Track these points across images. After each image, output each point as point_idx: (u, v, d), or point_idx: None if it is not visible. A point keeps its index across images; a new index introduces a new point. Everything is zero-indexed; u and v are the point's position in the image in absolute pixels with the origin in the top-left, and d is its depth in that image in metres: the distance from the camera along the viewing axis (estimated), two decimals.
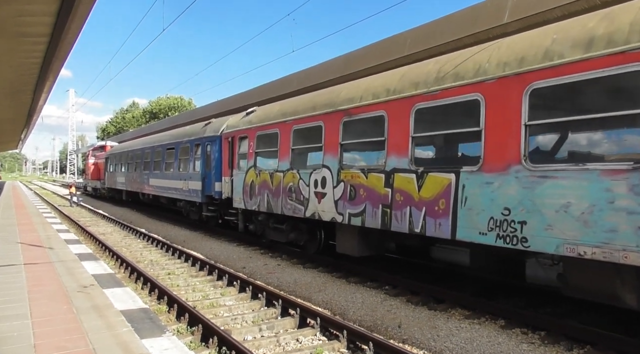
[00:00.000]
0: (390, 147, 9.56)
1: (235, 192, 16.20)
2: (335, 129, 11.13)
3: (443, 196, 8.34)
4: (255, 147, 14.99)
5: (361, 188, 10.28)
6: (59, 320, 6.27)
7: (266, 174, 14.17)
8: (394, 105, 9.53)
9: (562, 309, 8.56)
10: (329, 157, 11.34)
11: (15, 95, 17.77)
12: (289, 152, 13.05)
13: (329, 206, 11.30)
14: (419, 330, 7.69)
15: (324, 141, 11.54)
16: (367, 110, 10.26)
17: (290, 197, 12.89)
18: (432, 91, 8.67)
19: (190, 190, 20.65)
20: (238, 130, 16.36)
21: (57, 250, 11.96)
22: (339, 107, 11.08)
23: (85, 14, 8.98)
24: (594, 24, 6.62)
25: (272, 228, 14.92)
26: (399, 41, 17.66)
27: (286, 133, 13.18)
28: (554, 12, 12.26)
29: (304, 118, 12.45)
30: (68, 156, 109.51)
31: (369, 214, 9.99)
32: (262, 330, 8.06)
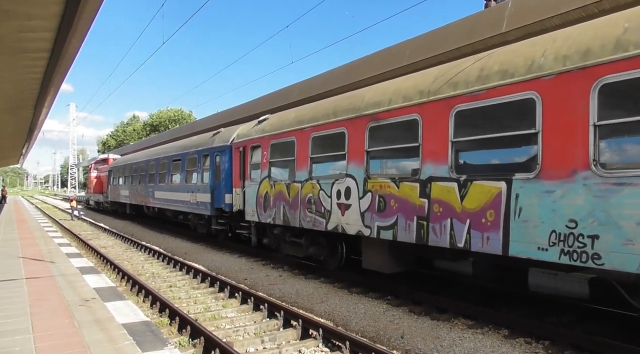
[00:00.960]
0: (426, 153, 8.82)
1: (248, 205, 15.49)
2: (360, 135, 10.41)
3: (491, 207, 7.58)
4: (270, 157, 14.22)
5: (392, 199, 9.52)
6: (61, 334, 6.25)
7: (282, 185, 13.45)
8: (429, 108, 8.79)
9: (566, 319, 8.52)
10: (354, 166, 10.61)
11: (16, 110, 17.83)
12: (307, 161, 12.33)
13: (354, 218, 10.57)
14: (422, 340, 7.66)
15: (347, 148, 10.81)
16: (397, 114, 9.51)
17: (309, 209, 12.19)
18: (475, 91, 7.92)
19: (198, 202, 19.92)
20: (250, 139, 15.57)
21: (58, 264, 11.94)
22: (364, 112, 10.37)
23: (85, 29, 9.04)
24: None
25: (289, 242, 14.11)
26: (398, 51, 17.75)
27: (304, 141, 12.47)
28: (553, 21, 12.35)
29: (323, 125, 11.76)
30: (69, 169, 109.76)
31: (402, 227, 9.24)
32: (264, 342, 8.02)
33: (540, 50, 7.24)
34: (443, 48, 15.55)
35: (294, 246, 13.93)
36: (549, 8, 12.51)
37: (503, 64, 7.68)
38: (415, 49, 16.84)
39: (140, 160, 29.83)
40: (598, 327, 7.96)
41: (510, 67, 7.51)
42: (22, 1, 7.68)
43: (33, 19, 8.46)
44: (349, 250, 12.34)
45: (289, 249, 14.20)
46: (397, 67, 17.23)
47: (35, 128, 23.96)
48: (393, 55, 17.95)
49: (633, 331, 7.66)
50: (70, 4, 7.79)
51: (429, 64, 14.63)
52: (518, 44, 8.17)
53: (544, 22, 12.57)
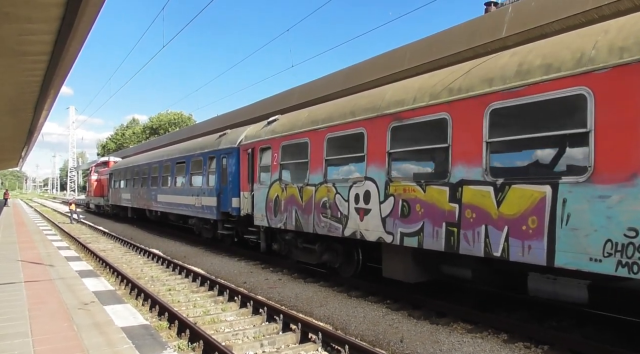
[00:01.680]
0: (456, 155, 8.18)
1: (257, 209, 14.83)
2: (381, 136, 9.76)
3: (534, 213, 6.94)
4: (281, 159, 13.53)
5: (417, 203, 8.86)
6: (60, 338, 6.24)
7: (294, 189, 12.79)
8: (459, 106, 8.16)
9: (565, 323, 8.51)
10: (374, 168, 9.95)
11: (16, 113, 17.83)
12: (322, 163, 11.66)
13: (374, 224, 9.90)
14: (421, 345, 7.65)
15: (366, 149, 10.17)
16: (423, 113, 8.84)
17: (324, 214, 11.51)
18: (514, 87, 7.30)
19: (203, 206, 19.28)
20: (259, 140, 14.90)
21: (57, 267, 11.92)
22: (386, 111, 9.72)
23: (85, 32, 9.05)
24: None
25: (301, 248, 13.42)
26: (399, 55, 17.79)
27: (318, 142, 11.81)
28: (552, 26, 12.39)
29: (340, 125, 11.12)
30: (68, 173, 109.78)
31: (428, 233, 8.59)
32: (264, 346, 8.00)
33: (591, 42, 6.67)
34: (443, 52, 15.59)
35: (306, 252, 13.28)
36: (549, 13, 12.54)
37: (546, 58, 7.11)
38: (416, 53, 16.87)
39: (143, 163, 29.22)
40: (597, 332, 7.95)
41: (555, 61, 6.93)
42: (22, 4, 7.69)
43: (33, 21, 8.47)
44: (365, 257, 11.76)
45: (301, 256, 13.56)
46: (397, 71, 17.26)
47: (35, 131, 23.96)
48: (393, 59, 17.99)
49: (632, 337, 7.65)
50: (70, 7, 7.80)
51: (430, 68, 14.66)
52: (560, 37, 7.64)
53: (543, 27, 12.61)
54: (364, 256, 11.75)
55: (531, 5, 13.12)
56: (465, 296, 10.26)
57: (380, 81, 16.92)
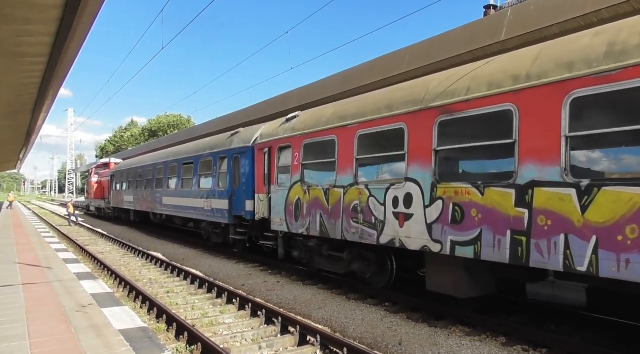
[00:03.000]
0: (525, 152, 7.17)
1: (275, 213, 13.74)
2: (426, 131, 8.75)
3: (633, 220, 5.91)
4: (302, 159, 12.51)
5: (473, 208, 7.83)
6: (58, 340, 6.21)
7: (319, 191, 11.75)
8: (529, 95, 7.14)
9: (564, 326, 8.50)
10: (417, 168, 8.94)
11: (14, 115, 17.82)
12: (352, 163, 10.65)
13: (417, 230, 8.87)
14: (420, 348, 7.63)
15: (407, 147, 9.15)
16: (480, 105, 7.82)
17: (355, 219, 10.50)
18: (604, 71, 6.27)
19: (213, 210, 18.14)
20: (277, 139, 13.83)
21: (55, 270, 11.89)
22: (432, 104, 8.71)
23: (84, 34, 9.05)
24: None
25: (326, 257, 12.42)
26: (398, 58, 17.83)
27: (348, 140, 10.81)
28: (552, 29, 12.43)
29: (374, 120, 10.09)
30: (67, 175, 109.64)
31: (488, 242, 7.55)
32: (262, 348, 7.98)
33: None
34: (443, 55, 15.62)
35: (331, 260, 12.29)
36: (548, 17, 12.58)
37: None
38: (415, 56, 16.91)
39: (147, 164, 28.01)
40: (596, 336, 7.94)
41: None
42: (20, 5, 7.69)
43: (32, 23, 8.47)
44: (399, 266, 10.83)
45: (325, 264, 12.60)
46: (396, 73, 17.30)
47: (33, 133, 23.95)
48: (393, 61, 18.02)
49: (631, 340, 7.64)
50: (69, 8, 7.80)
51: (429, 71, 14.69)
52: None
53: (542, 30, 12.65)
54: (399, 265, 10.79)
55: (530, 9, 13.15)
56: (464, 299, 10.23)
57: (380, 84, 16.95)
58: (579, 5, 11.94)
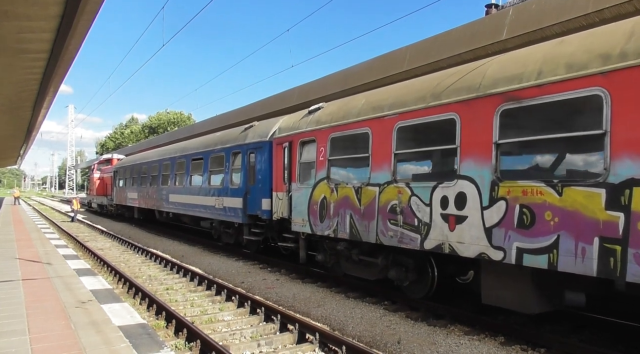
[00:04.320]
0: (620, 145, 6.10)
1: (296, 213, 12.77)
2: (484, 122, 7.74)
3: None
4: (329, 154, 11.50)
5: (547, 210, 6.82)
6: (57, 336, 6.23)
7: (348, 189, 10.77)
8: (624, 77, 6.09)
9: (562, 327, 8.51)
10: (472, 164, 7.93)
11: (15, 111, 17.83)
12: (389, 158, 9.64)
13: (472, 235, 7.87)
14: (419, 346, 7.64)
15: (459, 140, 8.16)
16: (557, 90, 6.76)
17: (392, 221, 9.49)
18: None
19: (226, 208, 17.14)
20: (299, 133, 12.83)
21: (55, 265, 11.91)
22: (491, 91, 7.69)
23: (84, 30, 9.05)
24: None
25: (356, 261, 11.43)
26: (398, 56, 17.80)
27: (384, 133, 9.78)
28: (553, 29, 12.41)
29: (416, 111, 9.06)
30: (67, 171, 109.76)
31: (567, 251, 6.52)
32: (261, 346, 8.00)
33: None
34: (444, 54, 15.61)
35: (362, 266, 11.34)
36: (549, 16, 12.56)
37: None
38: (416, 55, 16.89)
39: (152, 159, 26.87)
40: (594, 336, 7.96)
41: None
42: (21, 2, 7.69)
43: (32, 19, 8.48)
44: (441, 273, 9.85)
45: (355, 270, 11.64)
46: (397, 72, 17.29)
47: (34, 129, 23.96)
48: (393, 60, 18.00)
49: (629, 341, 7.66)
50: (70, 5, 7.81)
51: (430, 69, 14.69)
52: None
53: (544, 30, 12.63)
54: (440, 273, 9.80)
55: (532, 8, 13.13)
56: (463, 299, 10.26)
57: (380, 82, 16.94)
58: (580, 5, 11.92)
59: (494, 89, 7.70)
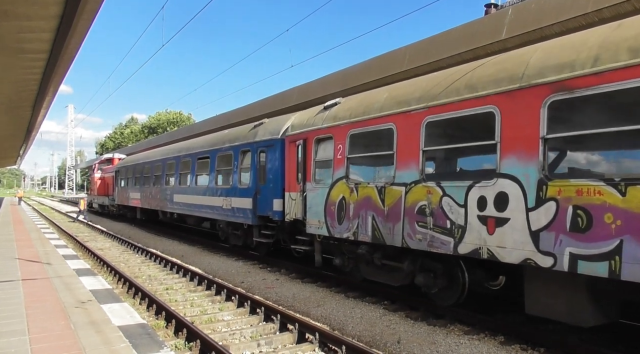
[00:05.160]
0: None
1: (311, 214, 12.08)
2: (529, 115, 7.05)
3: None
4: (348, 151, 10.80)
5: (607, 212, 6.13)
6: (57, 336, 6.23)
7: (370, 189, 10.08)
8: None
9: (562, 326, 8.51)
10: (515, 162, 7.23)
11: (15, 111, 17.83)
12: (417, 156, 8.93)
13: (516, 239, 7.15)
14: (418, 346, 7.64)
15: (499, 135, 7.46)
16: (620, 78, 6.08)
17: (421, 223, 8.79)
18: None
19: (234, 209, 16.47)
20: (314, 129, 12.12)
21: (55, 266, 11.90)
22: (537, 81, 7.00)
23: (84, 30, 9.06)
24: None
25: (378, 266, 10.72)
26: (398, 56, 17.81)
27: (411, 128, 9.08)
28: (553, 29, 12.42)
29: (448, 104, 8.36)
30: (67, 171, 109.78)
31: (632, 257, 5.85)
32: (261, 345, 8.00)
33: None
34: (443, 53, 15.62)
35: (385, 271, 10.66)
36: (548, 16, 12.57)
37: None
38: (416, 54, 16.90)
39: (156, 159, 26.15)
40: (593, 335, 7.95)
41: None
42: (21, 2, 7.70)
43: (32, 19, 8.48)
44: (472, 279, 9.14)
45: (376, 275, 10.95)
46: (396, 72, 17.29)
47: (33, 129, 23.96)
48: (393, 59, 18.01)
49: (629, 340, 7.66)
50: (69, 5, 7.81)
51: (430, 69, 14.70)
52: None
53: (544, 29, 12.64)
54: (471, 279, 9.12)
55: (531, 8, 13.15)
56: (463, 298, 10.25)
57: (379, 82, 16.95)
58: (580, 4, 11.93)
59: (540, 78, 7.00)
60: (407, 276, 10.01)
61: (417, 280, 9.66)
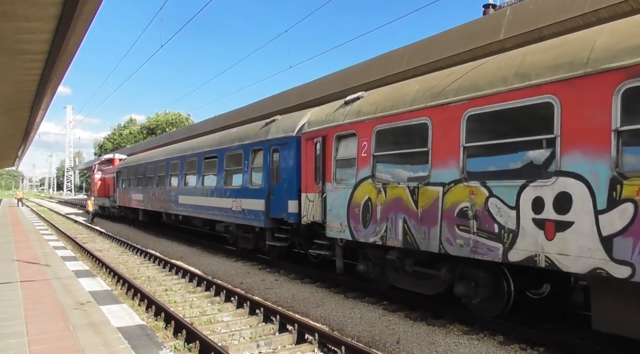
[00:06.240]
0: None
1: (332, 216, 11.29)
2: (598, 105, 6.26)
3: None
4: (374, 149, 10.04)
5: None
6: (56, 338, 6.21)
7: (401, 189, 9.31)
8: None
9: (561, 326, 8.51)
10: (580, 158, 6.42)
11: (13, 111, 17.82)
12: (457, 153, 8.15)
13: (583, 245, 6.34)
14: (418, 346, 7.64)
15: (558, 129, 6.67)
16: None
17: (462, 227, 8.00)
18: None
19: (245, 211, 15.73)
20: (335, 126, 11.33)
21: (53, 267, 11.88)
22: (605, 66, 6.21)
23: (83, 31, 9.06)
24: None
25: (409, 273, 9.85)
26: (397, 56, 17.82)
27: (449, 123, 8.30)
28: (551, 29, 12.43)
29: (495, 95, 7.56)
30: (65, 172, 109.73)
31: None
32: (260, 346, 7.99)
33: None
34: (442, 54, 15.63)
35: (416, 278, 9.83)
36: (546, 16, 12.59)
37: None
38: (414, 55, 16.91)
39: (159, 159, 25.38)
40: (592, 334, 7.95)
41: None
42: (20, 3, 7.70)
43: (31, 20, 8.49)
44: (517, 289, 8.38)
45: (407, 282, 10.09)
46: (395, 72, 17.30)
47: (32, 130, 23.95)
48: (392, 60, 18.02)
49: (627, 339, 7.65)
50: (68, 6, 7.82)
51: (429, 69, 14.70)
52: None
53: (542, 30, 12.65)
54: (517, 288, 8.35)
55: (529, 8, 13.16)
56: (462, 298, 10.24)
57: (379, 82, 16.95)
58: (577, 5, 11.95)
59: (610, 63, 6.18)
60: (442, 284, 9.25)
61: (456, 290, 8.78)
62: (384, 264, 10.48)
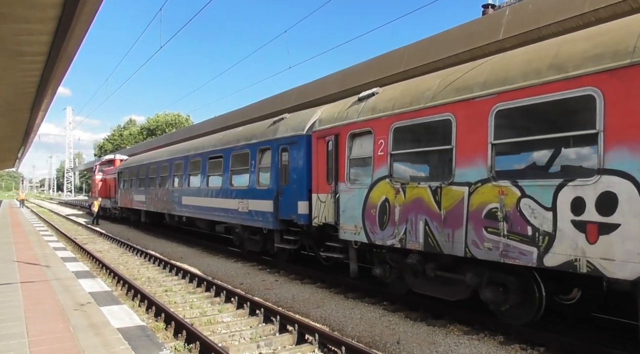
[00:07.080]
0: None
1: (345, 217, 10.85)
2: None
3: None
4: (392, 147, 9.53)
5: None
6: (56, 339, 6.22)
7: (422, 190, 8.81)
8: None
9: (561, 325, 8.51)
10: (626, 154, 5.91)
11: (13, 113, 17.82)
12: (485, 150, 7.62)
13: (631, 249, 5.83)
14: (418, 346, 7.64)
15: (601, 123, 6.16)
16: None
17: (492, 229, 7.51)
18: None
19: (252, 212, 15.27)
20: (348, 123, 10.87)
21: (53, 268, 11.89)
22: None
23: (82, 33, 9.06)
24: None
25: (430, 278, 9.34)
26: (396, 57, 17.84)
27: (475, 119, 7.80)
28: (550, 29, 12.45)
29: (527, 88, 7.06)
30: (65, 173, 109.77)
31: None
32: (260, 347, 7.99)
33: None
34: (441, 54, 15.65)
35: (438, 283, 9.31)
36: (546, 16, 12.61)
37: None
38: (414, 55, 16.93)
39: (162, 159, 24.89)
40: (592, 334, 7.96)
41: None
42: (19, 4, 7.70)
43: (30, 22, 8.49)
44: (550, 295, 7.93)
45: (427, 287, 9.55)
46: (395, 73, 17.32)
47: (32, 131, 23.94)
48: (391, 60, 18.04)
49: (627, 339, 7.66)
50: (67, 7, 7.81)
51: (428, 70, 14.72)
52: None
53: (541, 29, 12.68)
54: (548, 294, 7.85)
55: (528, 8, 13.18)
56: (462, 298, 10.24)
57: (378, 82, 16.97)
58: (576, 5, 11.96)
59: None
60: (467, 289, 8.76)
61: (483, 295, 8.28)
62: (403, 268, 10.01)
